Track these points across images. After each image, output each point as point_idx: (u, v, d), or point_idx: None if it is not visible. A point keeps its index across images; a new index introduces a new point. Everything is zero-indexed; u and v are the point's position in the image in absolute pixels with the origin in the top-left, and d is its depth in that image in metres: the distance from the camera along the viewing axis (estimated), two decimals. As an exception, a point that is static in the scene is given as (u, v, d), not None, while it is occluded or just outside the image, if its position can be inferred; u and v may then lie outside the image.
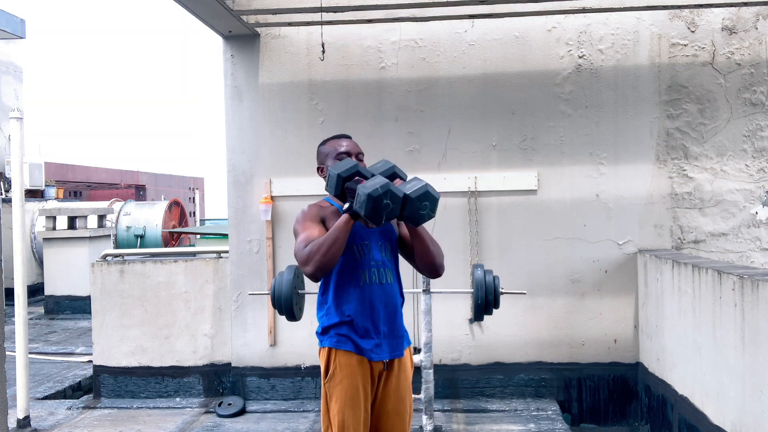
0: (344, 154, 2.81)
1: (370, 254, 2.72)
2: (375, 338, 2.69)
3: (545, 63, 5.40)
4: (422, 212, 2.59)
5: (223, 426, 5.17)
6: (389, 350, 2.74)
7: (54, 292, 10.81)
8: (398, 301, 2.80)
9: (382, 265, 2.74)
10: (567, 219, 5.41)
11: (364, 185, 2.49)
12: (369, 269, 2.70)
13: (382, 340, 2.71)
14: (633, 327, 5.39)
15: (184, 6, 4.82)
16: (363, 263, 2.71)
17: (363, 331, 2.68)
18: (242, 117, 5.62)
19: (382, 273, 2.73)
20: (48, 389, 6.38)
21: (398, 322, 2.78)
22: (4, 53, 13.65)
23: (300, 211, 2.80)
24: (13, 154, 5.16)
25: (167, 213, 13.90)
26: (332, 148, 2.87)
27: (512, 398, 5.44)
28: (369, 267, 2.71)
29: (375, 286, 2.71)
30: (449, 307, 5.40)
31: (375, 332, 2.69)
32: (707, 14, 5.31)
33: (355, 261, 2.70)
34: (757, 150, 5.30)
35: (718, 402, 3.84)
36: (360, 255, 2.71)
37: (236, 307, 5.65)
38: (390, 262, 2.79)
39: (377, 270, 2.72)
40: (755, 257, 5.30)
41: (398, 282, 2.84)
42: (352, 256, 2.70)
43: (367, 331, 2.69)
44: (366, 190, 2.46)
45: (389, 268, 2.77)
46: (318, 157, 2.94)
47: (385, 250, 2.78)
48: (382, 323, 2.71)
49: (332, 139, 2.92)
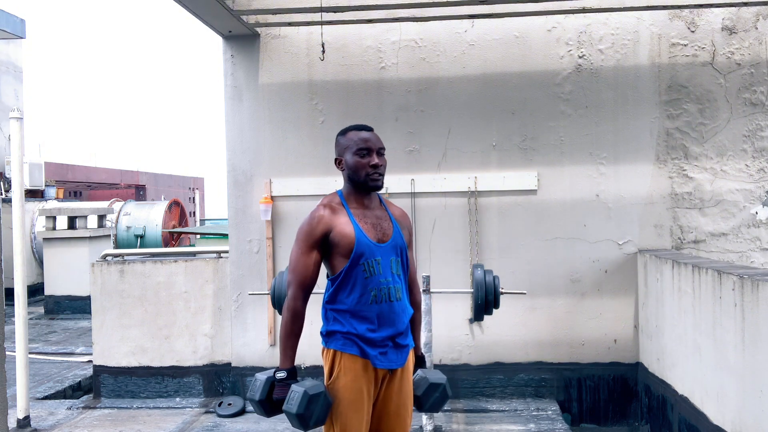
0: (365, 150, 2.69)
1: (381, 272, 2.65)
2: (381, 348, 2.67)
3: (545, 63, 5.40)
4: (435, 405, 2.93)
5: (223, 426, 5.17)
6: (396, 360, 2.71)
7: (54, 292, 10.82)
8: (407, 317, 2.75)
9: (393, 283, 2.67)
10: (567, 219, 5.41)
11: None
12: (379, 288, 2.64)
13: (388, 350, 2.68)
14: (633, 327, 5.39)
15: (184, 6, 4.82)
16: (374, 281, 2.64)
17: (370, 341, 2.65)
18: (242, 117, 5.62)
19: (392, 291, 2.67)
20: (48, 389, 6.38)
21: (406, 336, 2.75)
22: (4, 53, 13.65)
23: (303, 221, 2.72)
24: (13, 154, 5.16)
25: (167, 213, 13.90)
26: (352, 141, 2.72)
27: (512, 398, 5.44)
28: (379, 285, 2.64)
29: (384, 305, 2.65)
30: (449, 307, 5.40)
31: (381, 344, 2.66)
32: (707, 14, 5.31)
33: (365, 279, 2.64)
34: (757, 150, 5.30)
35: (718, 402, 3.84)
36: (371, 273, 2.64)
37: (236, 307, 5.65)
38: (400, 279, 2.72)
39: (387, 288, 2.66)
40: (755, 257, 5.30)
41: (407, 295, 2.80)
42: (363, 273, 2.63)
43: (374, 342, 2.65)
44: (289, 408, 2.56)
45: (399, 286, 2.70)
46: (336, 147, 2.79)
47: (396, 266, 2.71)
48: (390, 337, 2.68)
49: (353, 130, 2.75)
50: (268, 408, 2.67)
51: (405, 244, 2.77)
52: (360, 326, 2.65)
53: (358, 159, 2.69)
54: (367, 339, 2.64)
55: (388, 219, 2.77)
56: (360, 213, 2.72)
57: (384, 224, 2.74)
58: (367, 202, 2.76)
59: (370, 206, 2.76)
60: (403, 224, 2.84)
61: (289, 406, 2.55)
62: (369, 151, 2.70)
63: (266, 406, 2.67)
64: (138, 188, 24.61)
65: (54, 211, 10.98)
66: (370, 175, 2.69)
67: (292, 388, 2.57)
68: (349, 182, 2.75)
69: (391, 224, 2.76)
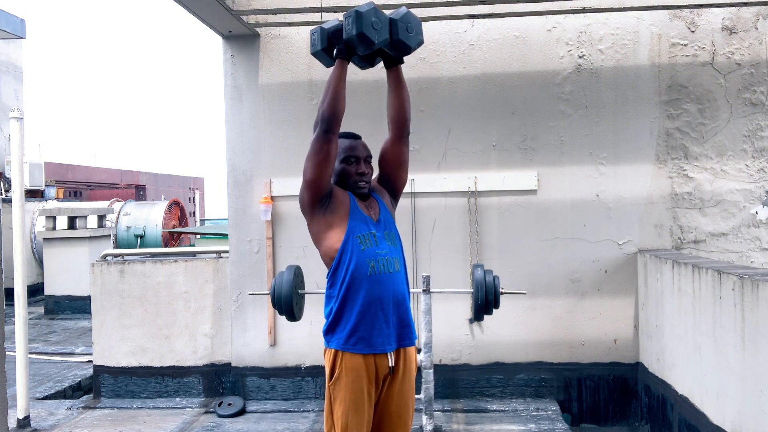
0: (353, 158, 2.81)
1: (378, 244, 2.73)
2: (384, 328, 2.69)
3: (545, 63, 5.40)
4: (410, 34, 2.68)
5: (223, 426, 5.17)
6: (398, 339, 2.75)
7: (54, 292, 10.81)
8: (406, 289, 2.82)
9: (390, 254, 2.76)
10: (567, 219, 5.41)
11: (349, 11, 2.57)
12: (376, 258, 2.71)
13: (390, 330, 2.72)
14: (633, 327, 5.39)
15: (184, 6, 4.83)
16: (370, 252, 2.71)
17: (371, 322, 2.67)
18: (242, 117, 5.62)
19: (390, 262, 2.75)
20: (48, 389, 6.38)
21: (407, 311, 2.80)
22: (4, 53, 13.65)
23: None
24: (13, 154, 5.16)
25: (167, 213, 13.90)
26: (341, 149, 2.82)
27: (512, 398, 5.44)
28: (376, 257, 2.71)
29: (383, 276, 2.71)
30: (449, 307, 5.40)
31: (384, 321, 2.69)
32: (707, 14, 5.31)
33: (362, 251, 2.70)
34: (757, 150, 5.30)
35: (718, 402, 3.84)
36: (367, 244, 2.72)
37: (236, 307, 5.65)
38: (396, 251, 2.81)
39: (385, 260, 2.73)
40: (755, 257, 5.30)
41: (405, 270, 2.86)
42: (359, 246, 2.70)
43: (376, 322, 2.68)
44: (353, 12, 2.54)
45: (396, 257, 2.79)
46: None
47: (391, 239, 2.80)
48: (392, 313, 2.72)
49: (341, 138, 2.84)
50: (330, 52, 2.74)
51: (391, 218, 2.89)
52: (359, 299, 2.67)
53: (346, 166, 2.82)
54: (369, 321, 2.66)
55: (376, 202, 2.88)
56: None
57: (373, 205, 2.86)
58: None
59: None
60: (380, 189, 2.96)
61: (348, 28, 2.57)
62: (357, 159, 2.83)
63: (328, 51, 2.74)
64: (138, 188, 24.60)
65: (54, 211, 10.98)
66: (357, 183, 2.82)
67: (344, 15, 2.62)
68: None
69: (377, 203, 2.87)
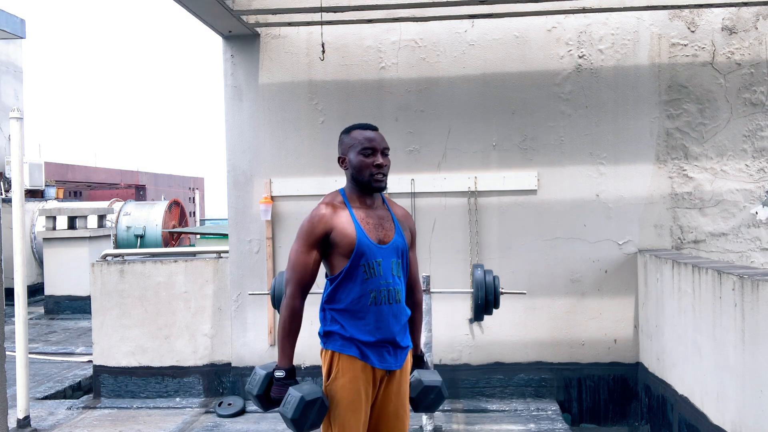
0: (370, 149, 2.65)
1: (382, 274, 2.61)
2: (379, 349, 2.64)
3: (545, 63, 5.40)
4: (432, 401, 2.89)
5: (223, 426, 5.17)
6: (394, 362, 2.69)
7: (54, 292, 10.81)
8: (406, 318, 2.73)
9: (393, 285, 2.64)
10: (567, 219, 5.41)
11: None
12: (379, 290, 2.61)
13: (386, 352, 2.66)
14: (633, 327, 5.39)
15: (184, 6, 4.83)
16: (373, 283, 2.60)
17: (368, 343, 2.63)
18: (242, 117, 5.62)
19: (392, 293, 2.64)
20: (48, 389, 6.38)
21: (405, 337, 2.73)
22: (4, 53, 13.65)
23: (304, 219, 2.69)
24: (13, 154, 5.16)
25: (167, 213, 13.89)
26: (357, 140, 2.68)
27: (512, 398, 5.44)
28: (379, 287, 2.61)
29: (384, 307, 2.62)
30: (449, 307, 5.40)
31: (379, 346, 2.64)
32: (707, 14, 5.31)
33: (365, 280, 2.60)
34: (757, 150, 5.30)
35: (718, 402, 3.84)
36: (371, 274, 2.61)
37: (236, 307, 5.65)
38: (401, 281, 2.69)
39: (387, 291, 2.62)
40: (755, 257, 5.30)
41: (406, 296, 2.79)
42: (363, 275, 2.59)
43: (372, 344, 2.63)
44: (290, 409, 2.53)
45: (400, 288, 2.67)
46: (340, 146, 2.75)
47: (396, 268, 2.67)
48: (389, 340, 2.66)
49: (358, 129, 2.71)
50: (265, 403, 2.69)
51: (407, 246, 2.74)
52: (358, 327, 2.62)
53: (363, 158, 2.65)
54: (365, 341, 2.62)
55: (391, 219, 2.73)
56: (362, 213, 2.67)
57: (386, 225, 2.70)
58: (370, 201, 2.71)
59: (372, 206, 2.71)
60: (405, 225, 2.79)
61: (285, 409, 2.54)
62: (374, 151, 2.66)
63: (264, 401, 2.69)
64: (138, 188, 24.59)
65: (54, 211, 10.98)
66: (374, 175, 2.65)
67: (290, 391, 2.56)
68: (352, 181, 2.71)
69: (393, 225, 2.72)
